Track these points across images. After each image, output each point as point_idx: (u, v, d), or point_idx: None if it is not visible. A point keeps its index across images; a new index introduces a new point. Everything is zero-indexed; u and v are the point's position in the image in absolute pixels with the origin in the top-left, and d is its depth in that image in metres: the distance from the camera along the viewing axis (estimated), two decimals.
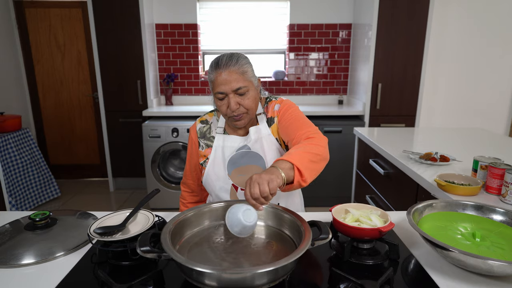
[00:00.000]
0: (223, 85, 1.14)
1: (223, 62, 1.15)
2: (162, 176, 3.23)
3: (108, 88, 3.48)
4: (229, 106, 1.16)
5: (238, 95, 1.16)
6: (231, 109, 1.16)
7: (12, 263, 0.88)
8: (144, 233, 0.83)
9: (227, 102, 1.16)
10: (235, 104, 1.15)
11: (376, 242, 0.97)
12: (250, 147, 1.25)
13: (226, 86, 1.14)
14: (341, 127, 3.20)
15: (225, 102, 1.17)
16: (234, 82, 1.13)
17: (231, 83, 1.13)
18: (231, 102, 1.15)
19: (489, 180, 1.29)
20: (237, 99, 1.16)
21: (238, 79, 1.14)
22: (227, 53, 1.19)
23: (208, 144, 1.30)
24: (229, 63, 1.14)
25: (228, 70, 1.13)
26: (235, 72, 1.14)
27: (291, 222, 0.94)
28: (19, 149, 3.16)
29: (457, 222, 1.00)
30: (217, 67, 1.15)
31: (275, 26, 3.75)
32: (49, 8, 3.65)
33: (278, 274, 0.74)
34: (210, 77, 1.18)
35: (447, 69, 3.65)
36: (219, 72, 1.14)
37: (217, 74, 1.15)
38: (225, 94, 1.15)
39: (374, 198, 2.16)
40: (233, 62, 1.14)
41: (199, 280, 0.72)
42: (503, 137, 2.22)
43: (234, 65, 1.14)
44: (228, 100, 1.16)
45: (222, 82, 1.14)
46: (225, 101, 1.17)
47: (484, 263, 0.76)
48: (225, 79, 1.13)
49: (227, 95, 1.16)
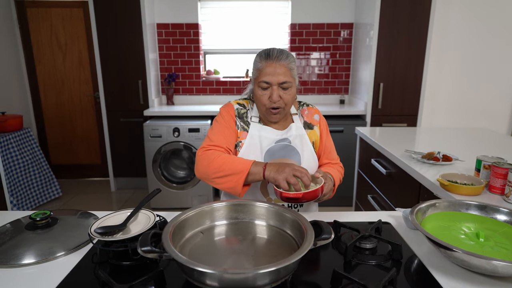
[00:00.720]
0: (270, 76, 1.17)
1: (274, 54, 1.19)
2: (163, 176, 3.23)
3: (110, 88, 3.48)
4: (270, 96, 1.19)
5: (282, 88, 1.19)
6: (272, 100, 1.19)
7: (13, 263, 0.88)
8: (145, 233, 0.83)
9: (270, 92, 1.19)
10: (277, 96, 1.19)
11: (379, 242, 0.96)
12: (291, 141, 1.28)
13: (273, 77, 1.17)
14: (342, 127, 3.19)
15: (267, 92, 1.20)
16: (281, 75, 1.17)
17: (279, 76, 1.17)
18: (273, 93, 1.18)
19: (492, 179, 1.28)
20: (280, 92, 1.19)
21: (285, 73, 1.18)
22: (277, 48, 1.23)
23: (244, 128, 1.29)
24: (280, 56, 1.18)
25: (278, 63, 1.18)
26: (284, 66, 1.18)
27: (293, 222, 0.93)
28: (21, 149, 3.16)
29: (460, 222, 0.99)
30: (267, 57, 1.19)
31: (277, 25, 3.74)
32: (51, 8, 3.65)
33: (280, 274, 0.73)
34: (258, 66, 1.21)
35: (449, 69, 3.63)
36: (270, 63, 1.18)
37: (267, 64, 1.18)
38: (269, 85, 1.19)
39: (376, 198, 2.15)
40: (284, 56, 1.19)
41: (200, 280, 0.72)
42: (506, 137, 2.21)
43: (285, 60, 1.19)
44: (271, 91, 1.19)
45: (270, 73, 1.17)
46: (268, 91, 1.20)
47: (489, 264, 0.76)
48: (274, 71, 1.17)
49: (271, 86, 1.19)
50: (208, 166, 1.16)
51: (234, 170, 1.12)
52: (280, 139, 1.28)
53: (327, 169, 1.30)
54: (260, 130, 1.28)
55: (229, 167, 1.13)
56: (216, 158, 1.16)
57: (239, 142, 1.28)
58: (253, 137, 1.27)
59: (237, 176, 1.12)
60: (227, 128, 1.27)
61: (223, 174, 1.14)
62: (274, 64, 1.17)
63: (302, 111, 1.37)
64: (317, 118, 1.36)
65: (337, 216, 1.15)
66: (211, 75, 3.84)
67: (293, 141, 1.28)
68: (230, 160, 1.15)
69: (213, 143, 1.23)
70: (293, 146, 1.28)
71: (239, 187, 1.12)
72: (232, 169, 1.13)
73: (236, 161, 1.15)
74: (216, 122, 1.30)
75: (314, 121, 1.36)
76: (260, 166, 1.11)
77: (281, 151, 1.27)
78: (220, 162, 1.15)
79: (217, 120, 1.30)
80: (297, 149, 1.28)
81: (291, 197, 1.02)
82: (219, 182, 1.15)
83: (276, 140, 1.27)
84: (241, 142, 1.28)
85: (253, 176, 1.12)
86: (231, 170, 1.13)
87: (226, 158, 1.16)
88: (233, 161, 1.15)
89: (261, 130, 1.28)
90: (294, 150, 1.27)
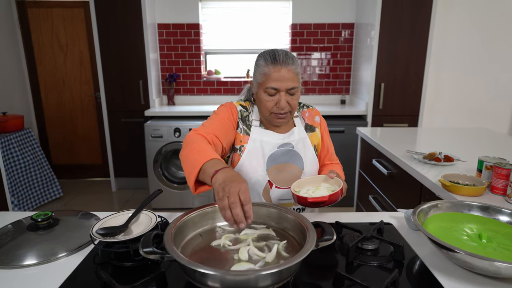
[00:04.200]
0: (279, 82, 1.13)
1: (281, 58, 1.14)
2: (164, 176, 3.23)
3: (110, 88, 3.48)
4: (277, 103, 1.16)
5: (289, 94, 1.16)
6: (280, 106, 1.16)
7: (14, 264, 0.87)
8: (146, 234, 0.83)
9: (277, 99, 1.16)
10: (285, 102, 1.15)
11: (381, 243, 0.96)
12: (294, 146, 1.26)
13: (282, 84, 1.14)
14: (343, 127, 3.19)
15: (274, 98, 1.16)
16: (290, 81, 1.14)
17: (287, 82, 1.14)
18: (281, 100, 1.15)
19: (494, 180, 1.28)
20: (287, 98, 1.16)
21: (293, 78, 1.15)
22: (279, 49, 1.18)
23: (246, 131, 1.26)
24: (287, 61, 1.14)
25: (287, 68, 1.13)
26: (292, 71, 1.14)
27: (295, 223, 0.93)
28: (22, 149, 3.16)
29: (462, 223, 0.99)
30: (275, 62, 1.14)
31: (277, 25, 3.74)
32: (52, 8, 3.65)
33: (282, 275, 0.73)
34: (264, 70, 1.15)
35: (450, 69, 3.63)
36: (278, 68, 1.13)
37: (274, 69, 1.13)
38: (277, 91, 1.15)
39: (377, 198, 2.15)
40: (291, 60, 1.15)
41: (202, 281, 0.72)
42: (507, 137, 2.20)
43: (292, 64, 1.14)
44: (278, 97, 1.15)
45: (279, 79, 1.13)
46: (275, 97, 1.16)
47: (491, 265, 0.75)
48: (283, 76, 1.13)
49: (279, 92, 1.15)
50: (183, 149, 1.04)
51: (194, 161, 0.96)
52: (283, 143, 1.26)
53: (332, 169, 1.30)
54: (261, 135, 1.25)
55: (193, 155, 0.98)
56: (191, 142, 1.04)
57: (241, 146, 1.25)
58: (255, 142, 1.24)
59: (193, 167, 0.95)
60: (225, 120, 1.21)
61: (187, 161, 0.99)
62: (282, 69, 1.13)
63: (303, 113, 1.36)
64: (318, 120, 1.36)
65: (339, 217, 1.15)
66: (212, 75, 3.84)
67: (296, 145, 1.26)
68: (198, 148, 1.01)
69: (205, 129, 1.15)
70: (296, 151, 1.26)
71: (190, 183, 0.95)
72: (193, 159, 0.97)
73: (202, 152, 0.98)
74: (215, 114, 1.24)
75: (315, 123, 1.35)
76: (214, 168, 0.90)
77: (283, 156, 1.25)
78: (191, 147, 1.02)
79: (217, 112, 1.25)
80: (300, 153, 1.26)
81: (317, 202, 1.02)
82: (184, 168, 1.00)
83: (279, 145, 1.25)
84: (243, 147, 1.24)
85: (205, 176, 0.93)
86: (192, 160, 0.97)
87: (197, 146, 1.02)
88: (199, 150, 0.99)
89: (262, 135, 1.25)
90: (297, 155, 1.26)
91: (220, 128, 1.19)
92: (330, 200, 1.03)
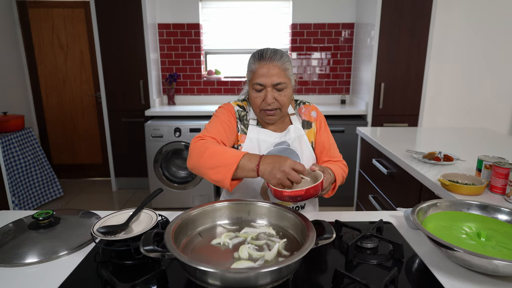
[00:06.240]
0: (264, 77, 1.15)
1: (267, 54, 1.16)
2: (164, 175, 3.24)
3: (111, 88, 3.49)
4: (265, 99, 1.17)
5: (276, 90, 1.17)
6: (266, 102, 1.17)
7: (16, 262, 0.88)
8: (147, 232, 0.83)
9: (264, 94, 1.17)
10: (271, 98, 1.16)
11: (380, 242, 0.96)
12: (290, 144, 1.26)
13: (267, 79, 1.15)
14: (343, 127, 3.19)
15: (261, 94, 1.18)
16: (275, 76, 1.15)
17: (272, 77, 1.14)
18: (268, 95, 1.16)
19: (493, 179, 1.28)
20: (274, 94, 1.17)
21: (279, 74, 1.15)
22: (271, 48, 1.19)
23: (244, 131, 1.27)
24: (273, 57, 1.15)
25: (272, 64, 1.14)
26: (278, 67, 1.15)
27: (295, 222, 0.94)
28: (22, 149, 3.17)
29: (461, 222, 0.99)
30: (261, 59, 1.16)
31: (278, 25, 3.74)
32: (52, 8, 3.66)
33: (282, 273, 0.73)
34: (251, 67, 1.18)
35: (450, 69, 3.63)
36: (263, 64, 1.15)
37: (260, 65, 1.15)
38: (263, 87, 1.16)
39: (377, 197, 2.15)
40: (278, 57, 1.16)
41: (202, 279, 0.72)
42: (507, 137, 2.20)
43: (278, 60, 1.15)
44: (265, 93, 1.17)
45: (264, 74, 1.15)
46: (262, 93, 1.17)
47: (490, 263, 0.76)
48: (268, 72, 1.14)
49: (265, 88, 1.16)
50: (200, 156, 1.07)
51: (223, 162, 1.03)
52: (279, 142, 1.26)
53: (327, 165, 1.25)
54: (258, 133, 1.26)
55: (218, 157, 1.04)
56: (208, 147, 1.08)
57: (238, 145, 1.26)
58: (252, 141, 1.25)
59: (226, 168, 1.01)
60: (226, 123, 1.23)
61: (212, 165, 1.04)
62: (268, 65, 1.14)
63: (299, 110, 1.35)
64: (314, 115, 1.35)
65: (338, 216, 1.16)
66: (212, 75, 3.84)
67: (291, 143, 1.27)
68: (221, 150, 1.06)
69: (209, 134, 1.17)
70: (292, 149, 1.26)
71: (227, 181, 1.01)
72: (222, 160, 1.03)
73: (228, 152, 1.05)
74: (215, 117, 1.25)
75: (311, 118, 1.34)
76: (253, 162, 1.00)
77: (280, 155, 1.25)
78: (211, 151, 1.06)
79: (217, 115, 1.26)
80: (297, 151, 1.27)
81: (294, 195, 0.97)
82: (209, 174, 1.05)
83: (275, 144, 1.26)
84: (240, 146, 1.26)
85: (245, 172, 1.01)
86: (221, 161, 1.03)
87: (218, 148, 1.07)
88: (224, 151, 1.06)
89: (259, 133, 1.26)
90: (293, 153, 1.26)
91: (223, 132, 1.21)
92: (307, 194, 0.97)
